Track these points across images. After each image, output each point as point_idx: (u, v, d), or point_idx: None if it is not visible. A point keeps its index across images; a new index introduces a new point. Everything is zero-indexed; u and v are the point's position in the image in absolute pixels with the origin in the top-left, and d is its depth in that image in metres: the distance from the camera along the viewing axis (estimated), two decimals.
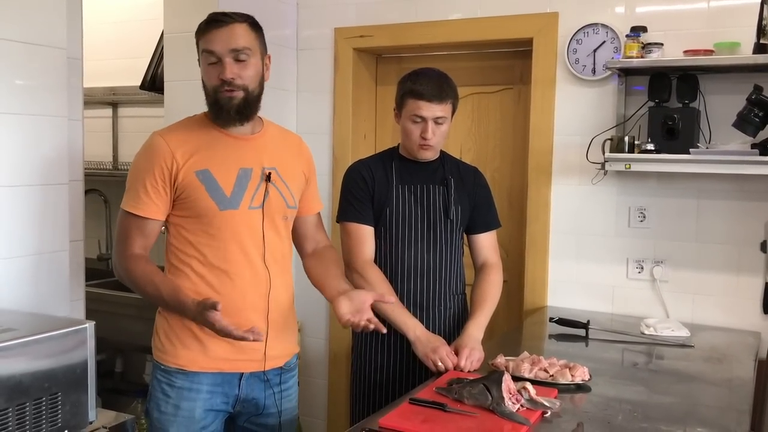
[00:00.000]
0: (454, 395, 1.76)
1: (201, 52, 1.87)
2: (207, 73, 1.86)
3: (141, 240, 1.87)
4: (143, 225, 1.87)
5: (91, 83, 2.87)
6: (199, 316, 1.74)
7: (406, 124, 2.23)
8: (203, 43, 1.85)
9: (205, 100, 1.90)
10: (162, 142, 1.86)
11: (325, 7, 3.39)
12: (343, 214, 2.31)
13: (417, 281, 2.29)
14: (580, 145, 2.86)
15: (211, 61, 1.84)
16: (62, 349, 1.58)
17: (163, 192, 1.85)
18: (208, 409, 1.91)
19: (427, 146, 2.23)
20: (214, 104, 1.87)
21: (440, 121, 2.21)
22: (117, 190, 3.80)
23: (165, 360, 1.91)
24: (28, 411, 1.50)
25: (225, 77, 1.82)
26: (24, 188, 2.03)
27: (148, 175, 1.84)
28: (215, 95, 1.85)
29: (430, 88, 2.18)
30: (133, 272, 1.85)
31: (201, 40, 1.87)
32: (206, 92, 1.89)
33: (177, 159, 1.84)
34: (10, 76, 1.96)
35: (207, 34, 1.84)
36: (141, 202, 1.85)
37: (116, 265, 1.90)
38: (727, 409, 1.87)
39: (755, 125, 2.41)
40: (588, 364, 2.00)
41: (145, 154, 1.88)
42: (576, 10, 2.88)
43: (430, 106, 2.17)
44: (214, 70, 1.84)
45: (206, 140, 1.89)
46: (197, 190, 1.85)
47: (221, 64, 1.83)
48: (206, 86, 1.88)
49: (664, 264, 2.81)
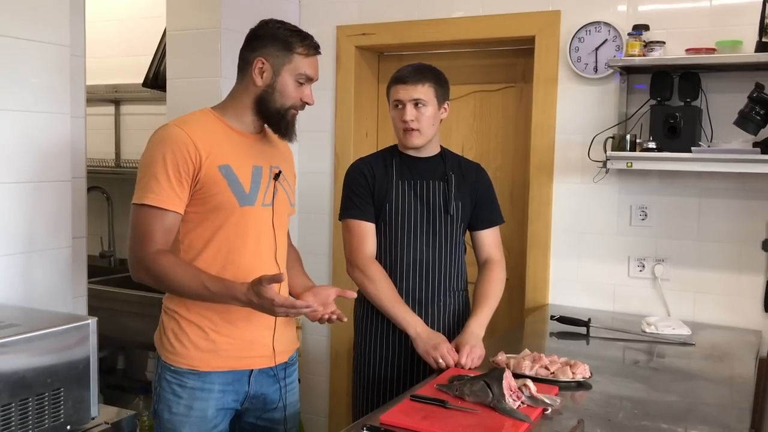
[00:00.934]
0: (455, 392, 1.76)
1: (295, 74, 1.90)
2: (292, 91, 1.90)
3: (163, 236, 1.79)
4: (165, 218, 1.79)
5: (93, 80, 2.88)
6: (255, 296, 1.71)
7: (391, 112, 2.29)
8: (305, 67, 1.91)
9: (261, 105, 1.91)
10: (183, 134, 1.81)
11: (327, 5, 3.39)
12: (345, 211, 2.31)
13: (417, 277, 2.29)
14: (581, 144, 2.86)
15: (302, 82, 1.91)
16: (65, 345, 1.59)
17: (186, 184, 1.80)
18: (219, 408, 1.90)
19: (409, 129, 2.23)
20: (282, 117, 1.91)
21: (421, 103, 2.21)
22: (119, 188, 3.85)
23: (175, 361, 1.88)
24: (30, 406, 1.51)
25: (311, 102, 1.94)
26: (26, 185, 2.03)
27: (170, 166, 1.78)
28: (288, 110, 1.91)
29: (406, 72, 2.25)
30: (163, 268, 1.77)
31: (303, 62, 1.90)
32: (272, 101, 1.90)
33: (200, 151, 1.81)
34: (12, 73, 1.97)
35: (308, 59, 1.91)
36: (163, 193, 1.78)
37: (136, 266, 1.81)
38: (728, 407, 1.87)
39: (757, 123, 2.41)
40: (589, 362, 2.00)
41: (165, 145, 1.81)
42: (578, 8, 2.88)
43: (406, 87, 2.22)
44: (301, 90, 1.91)
45: (221, 136, 1.88)
46: (219, 184, 1.82)
47: (307, 88, 1.93)
48: (280, 99, 1.89)
49: (665, 262, 2.81)
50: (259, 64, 1.88)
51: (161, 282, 1.80)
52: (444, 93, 2.28)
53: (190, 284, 1.78)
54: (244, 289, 1.74)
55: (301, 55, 1.89)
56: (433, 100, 2.23)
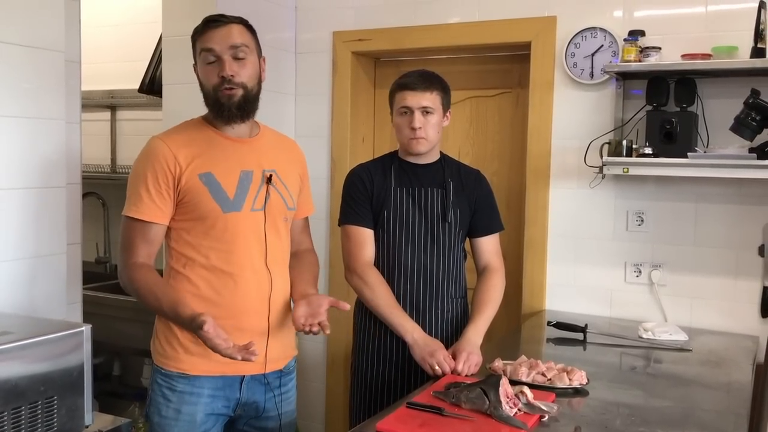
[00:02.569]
0: (451, 399, 1.75)
1: (199, 53, 1.88)
2: (206, 73, 1.87)
3: (145, 247, 1.85)
4: (147, 230, 1.85)
5: (89, 86, 2.87)
6: (194, 332, 1.75)
7: (396, 119, 2.26)
8: (201, 43, 1.87)
9: (204, 101, 1.90)
10: (163, 145, 1.86)
11: (323, 11, 3.39)
12: (344, 217, 2.31)
13: (415, 284, 2.29)
14: (578, 149, 2.86)
15: (210, 60, 1.85)
16: (59, 352, 1.58)
17: (167, 195, 1.84)
18: (209, 413, 1.90)
19: (417, 137, 2.23)
20: (214, 103, 1.88)
21: (429, 110, 2.21)
22: (115, 193, 3.84)
23: (166, 364, 1.90)
24: (23, 415, 1.49)
25: (225, 74, 1.84)
26: (21, 191, 2.02)
27: (150, 179, 1.83)
28: (215, 94, 1.86)
29: (414, 79, 2.23)
30: (136, 282, 1.83)
31: (198, 40, 1.88)
32: (205, 93, 1.89)
33: (180, 162, 1.84)
34: (7, 78, 1.96)
35: (204, 35, 1.86)
36: (144, 206, 1.84)
37: (121, 274, 1.88)
38: (725, 413, 1.87)
39: (753, 129, 2.41)
40: (586, 368, 2.00)
41: (146, 158, 1.87)
42: (574, 14, 2.89)
43: (414, 94, 2.20)
44: (213, 69, 1.86)
45: (206, 143, 1.89)
46: (200, 193, 1.84)
47: (220, 62, 1.84)
48: (205, 87, 1.89)
49: (662, 268, 2.81)
50: (195, 72, 1.91)
51: (135, 294, 1.85)
52: (448, 101, 2.29)
53: (154, 304, 1.82)
54: (187, 321, 1.76)
55: (197, 37, 1.89)
56: (440, 107, 2.24)
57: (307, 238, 2.17)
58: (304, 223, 2.16)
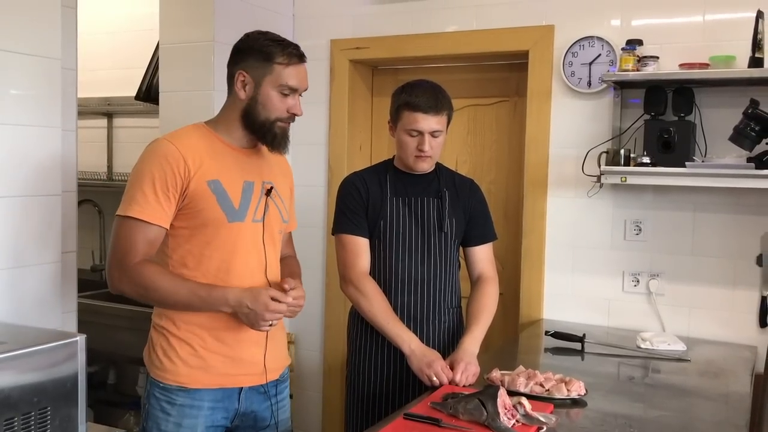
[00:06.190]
0: (448, 410, 1.74)
1: (277, 85, 1.86)
2: (276, 103, 1.87)
3: (146, 248, 1.79)
4: (148, 231, 1.78)
5: (86, 93, 2.87)
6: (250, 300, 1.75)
7: (402, 136, 2.23)
8: (287, 77, 1.86)
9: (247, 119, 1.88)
10: (173, 147, 1.81)
11: (321, 19, 3.39)
12: (338, 226, 2.29)
13: (411, 294, 2.28)
14: (575, 158, 2.86)
15: (286, 93, 1.88)
16: (52, 362, 1.57)
17: (172, 198, 1.79)
18: (209, 425, 1.88)
19: (423, 158, 2.23)
20: (268, 130, 1.88)
21: (437, 134, 2.20)
22: (111, 201, 3.80)
23: (164, 378, 1.86)
24: (16, 426, 1.48)
25: (299, 113, 1.91)
26: (17, 199, 2.01)
27: (157, 180, 1.78)
28: (274, 123, 1.88)
29: (426, 100, 2.17)
30: (147, 278, 1.76)
31: (284, 72, 1.86)
32: (255, 114, 1.87)
33: (189, 166, 1.80)
34: (3, 85, 1.95)
35: (289, 68, 1.87)
36: (149, 206, 1.77)
37: (117, 278, 1.79)
38: (724, 423, 1.86)
39: (752, 139, 2.41)
40: (584, 379, 1.99)
41: (153, 158, 1.81)
42: (572, 23, 2.89)
43: (426, 118, 2.17)
44: (285, 101, 1.88)
45: (212, 150, 1.87)
46: (208, 199, 1.82)
47: (294, 99, 1.89)
48: (263, 113, 1.87)
49: (660, 277, 2.80)
50: (241, 78, 1.87)
51: (146, 292, 1.79)
52: (451, 117, 2.27)
53: (178, 291, 1.78)
54: (237, 292, 1.76)
55: (281, 65, 1.86)
56: (446, 127, 2.24)
57: (291, 250, 2.18)
58: (289, 236, 2.17)
